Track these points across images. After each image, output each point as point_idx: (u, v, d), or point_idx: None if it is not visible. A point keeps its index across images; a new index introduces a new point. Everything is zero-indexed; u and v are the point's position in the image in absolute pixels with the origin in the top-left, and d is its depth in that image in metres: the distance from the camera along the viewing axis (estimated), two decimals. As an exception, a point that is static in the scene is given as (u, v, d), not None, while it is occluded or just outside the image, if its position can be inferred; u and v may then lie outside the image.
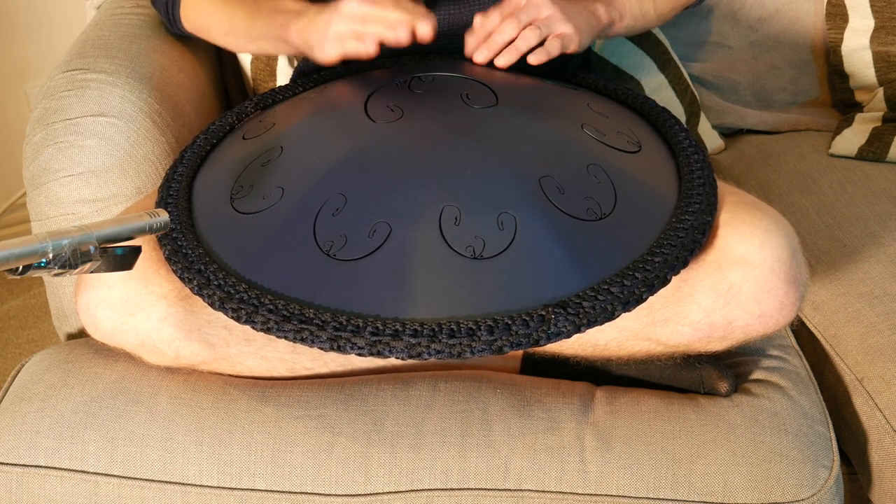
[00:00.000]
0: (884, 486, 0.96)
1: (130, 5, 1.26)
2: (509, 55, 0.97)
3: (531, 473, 0.84)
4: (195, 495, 0.86)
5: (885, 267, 1.08)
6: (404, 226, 0.79)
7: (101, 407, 0.88)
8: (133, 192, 1.03)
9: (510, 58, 0.97)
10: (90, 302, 0.86)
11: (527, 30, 0.96)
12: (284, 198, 0.84)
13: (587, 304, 0.76)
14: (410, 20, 0.91)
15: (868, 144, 1.32)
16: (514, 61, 0.97)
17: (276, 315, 0.76)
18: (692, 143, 0.93)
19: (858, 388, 0.99)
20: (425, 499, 0.84)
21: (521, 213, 0.80)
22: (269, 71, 1.37)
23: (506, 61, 0.97)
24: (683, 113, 1.43)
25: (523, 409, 0.88)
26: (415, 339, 0.74)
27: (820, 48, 1.49)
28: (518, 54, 0.97)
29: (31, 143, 1.03)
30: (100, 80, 1.06)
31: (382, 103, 0.92)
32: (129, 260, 0.70)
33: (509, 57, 0.97)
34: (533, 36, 0.96)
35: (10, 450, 0.87)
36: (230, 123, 1.01)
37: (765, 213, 0.86)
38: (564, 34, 0.97)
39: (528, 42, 0.96)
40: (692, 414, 0.87)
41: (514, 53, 0.97)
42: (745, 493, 0.83)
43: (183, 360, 0.89)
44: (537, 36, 0.97)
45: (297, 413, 0.87)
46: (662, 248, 0.80)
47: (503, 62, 0.97)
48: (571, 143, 0.89)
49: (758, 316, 0.83)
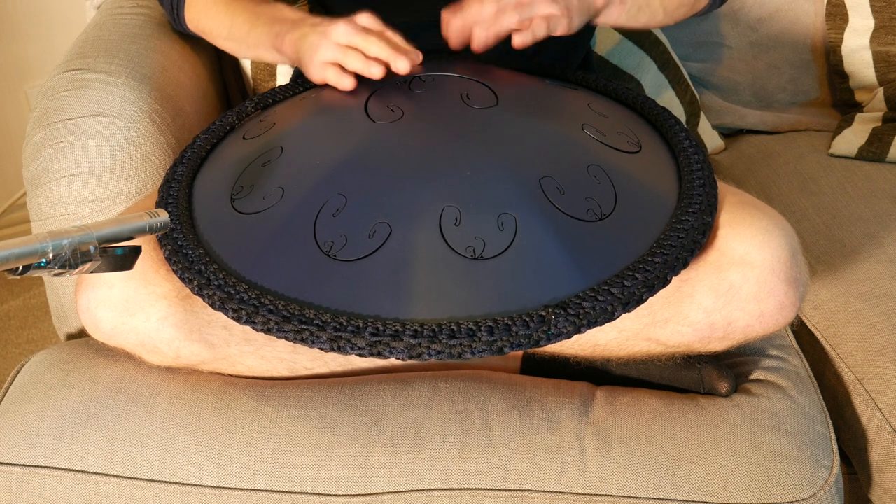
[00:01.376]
0: (884, 486, 0.96)
1: (130, 5, 1.26)
2: (485, 31, 0.93)
3: (531, 473, 0.84)
4: (195, 495, 0.86)
5: (885, 267, 1.08)
6: (404, 226, 0.79)
7: (101, 407, 0.88)
8: (133, 192, 1.03)
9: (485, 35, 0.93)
10: (90, 302, 0.86)
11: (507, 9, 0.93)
12: (285, 198, 0.84)
13: (587, 305, 0.76)
14: (388, 57, 0.91)
15: (868, 144, 1.32)
16: (491, 42, 0.94)
17: (277, 315, 0.76)
18: (692, 144, 0.93)
19: (858, 388, 0.99)
20: (425, 499, 0.84)
21: (522, 214, 0.80)
22: (269, 71, 1.37)
23: (481, 44, 0.94)
24: (683, 113, 1.43)
25: (523, 409, 0.88)
26: (415, 340, 0.74)
27: (820, 48, 1.49)
28: (495, 33, 0.93)
29: (31, 143, 1.03)
30: (100, 80, 1.06)
31: (383, 103, 0.92)
32: (129, 260, 0.70)
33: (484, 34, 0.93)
34: (512, 17, 0.93)
35: (10, 450, 0.87)
36: (230, 123, 1.01)
37: (765, 213, 0.86)
38: (551, 15, 0.93)
39: (503, 23, 0.93)
40: (692, 414, 0.87)
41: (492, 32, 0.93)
42: (745, 493, 0.83)
43: (183, 361, 0.89)
44: (517, 16, 0.93)
45: (297, 413, 0.87)
46: (662, 248, 0.80)
47: (478, 45, 0.94)
48: (571, 143, 0.89)
49: (758, 316, 0.83)
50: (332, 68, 0.94)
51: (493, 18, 0.94)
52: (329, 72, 0.94)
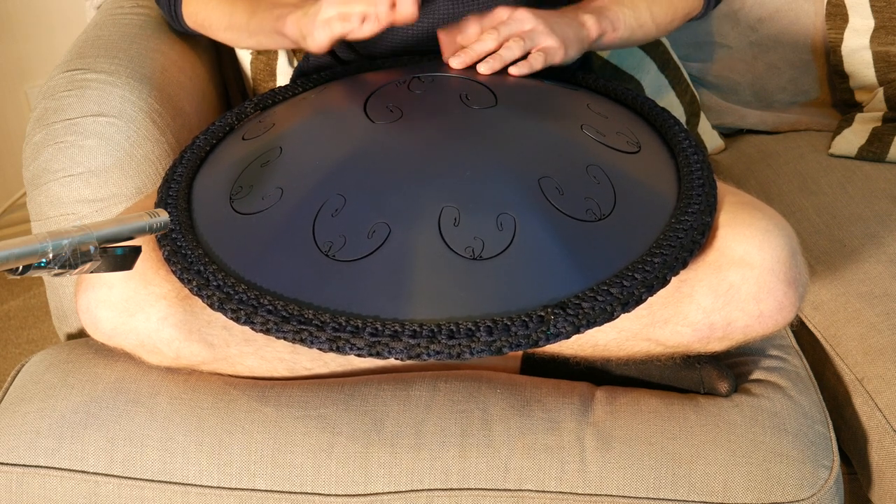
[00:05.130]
0: (884, 486, 0.96)
1: (130, 5, 1.26)
2: (493, 62, 0.96)
3: (531, 473, 0.84)
4: (195, 495, 0.86)
5: (885, 267, 1.08)
6: (403, 226, 0.79)
7: (101, 407, 0.88)
8: (133, 192, 1.03)
9: (494, 65, 0.96)
10: (90, 302, 0.86)
11: (511, 41, 0.96)
12: (284, 198, 0.84)
13: (586, 305, 0.76)
14: None
15: (868, 144, 1.32)
16: (497, 69, 0.96)
17: (276, 316, 0.76)
18: (692, 144, 0.93)
19: (858, 388, 0.99)
20: (425, 499, 0.84)
21: (521, 214, 0.80)
22: (268, 71, 1.37)
23: (489, 68, 0.96)
24: (683, 113, 1.43)
25: (523, 409, 0.88)
26: (414, 340, 0.74)
27: (820, 48, 1.49)
28: (502, 63, 0.96)
29: (31, 143, 1.03)
30: (100, 80, 1.06)
31: (382, 104, 0.92)
32: (129, 260, 0.70)
33: (493, 64, 0.96)
34: (517, 47, 0.96)
35: (10, 450, 0.87)
36: (229, 124, 1.01)
37: (764, 213, 0.86)
38: (549, 47, 0.97)
39: (511, 52, 0.96)
40: (692, 414, 0.87)
41: (499, 62, 0.96)
42: (745, 493, 0.83)
43: (183, 361, 0.89)
44: (521, 48, 0.96)
45: (297, 413, 0.87)
46: (662, 248, 0.80)
47: (486, 69, 0.96)
48: (571, 143, 0.89)
49: (757, 316, 0.83)
50: (337, 21, 0.95)
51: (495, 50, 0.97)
52: (335, 24, 0.95)
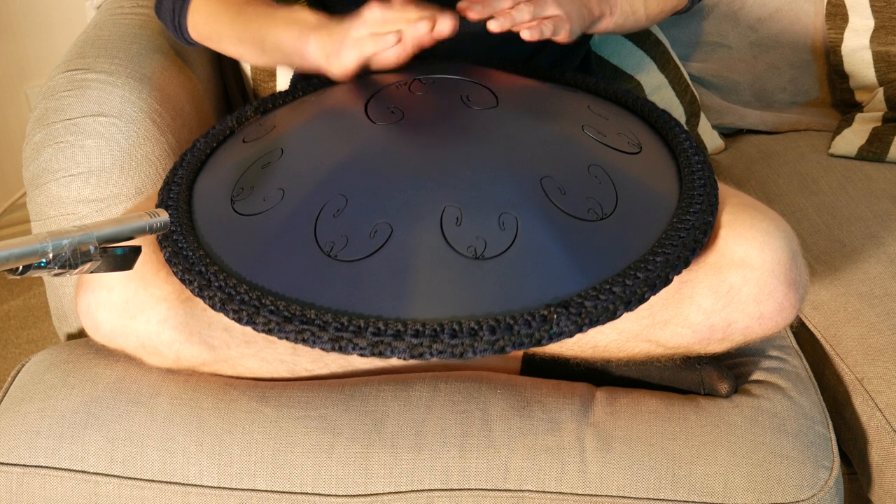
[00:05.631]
0: (884, 486, 0.96)
1: (130, 5, 1.25)
2: (504, 21, 0.94)
3: (531, 474, 0.84)
4: (195, 496, 0.86)
5: (885, 267, 1.08)
6: (405, 226, 0.79)
7: (101, 407, 0.88)
8: (133, 192, 1.03)
9: (504, 24, 0.94)
10: (90, 304, 0.86)
11: (522, 4, 0.94)
12: (285, 199, 0.84)
13: (589, 304, 0.76)
14: (431, 16, 0.90)
15: (868, 144, 1.32)
16: (506, 28, 0.94)
17: (278, 316, 0.76)
18: (693, 145, 0.93)
19: (858, 388, 0.99)
20: (426, 499, 0.84)
21: (523, 214, 0.80)
22: (268, 71, 1.37)
23: (498, 26, 0.94)
24: (683, 113, 1.43)
25: (523, 409, 0.88)
26: (417, 340, 0.74)
27: (820, 48, 1.49)
28: (512, 22, 0.94)
29: (31, 143, 1.03)
30: (100, 80, 1.06)
31: (383, 105, 0.92)
32: (129, 260, 0.70)
33: (503, 23, 0.93)
34: (527, 11, 0.94)
35: (10, 450, 0.87)
36: (230, 127, 1.01)
37: (765, 215, 0.86)
38: (557, 17, 0.96)
39: (522, 15, 0.94)
40: (692, 415, 0.87)
41: (510, 21, 0.94)
42: (745, 493, 0.83)
43: (183, 363, 0.89)
44: (530, 13, 0.94)
45: (297, 413, 0.87)
46: (664, 247, 0.80)
47: (496, 27, 0.94)
48: (572, 143, 0.89)
49: (757, 318, 0.83)
50: (369, 42, 0.92)
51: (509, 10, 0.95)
52: (367, 45, 0.92)
